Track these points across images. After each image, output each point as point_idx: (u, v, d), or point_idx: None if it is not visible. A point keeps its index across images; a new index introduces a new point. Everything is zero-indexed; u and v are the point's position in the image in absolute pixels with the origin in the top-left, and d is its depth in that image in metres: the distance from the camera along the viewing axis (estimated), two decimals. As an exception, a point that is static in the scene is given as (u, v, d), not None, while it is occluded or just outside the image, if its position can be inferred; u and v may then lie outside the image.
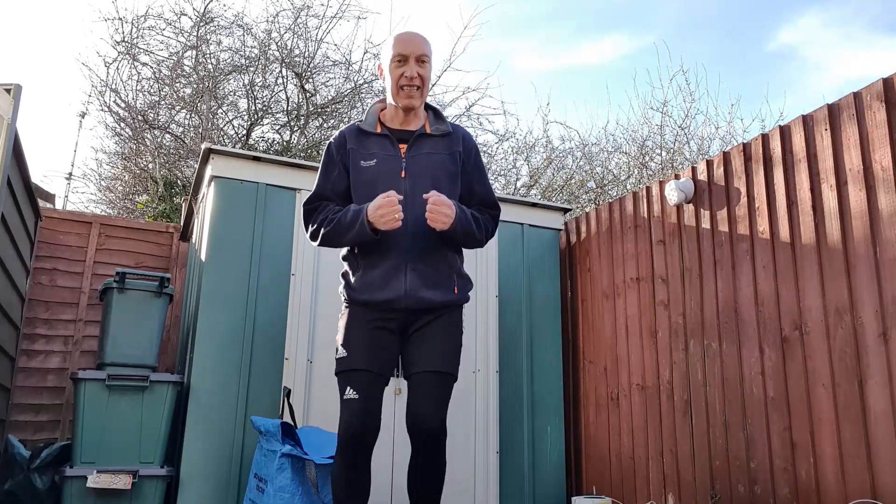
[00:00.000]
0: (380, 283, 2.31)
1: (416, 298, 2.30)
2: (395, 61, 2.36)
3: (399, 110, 2.42)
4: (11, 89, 3.21)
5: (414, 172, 2.38)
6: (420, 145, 2.43)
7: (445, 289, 2.37)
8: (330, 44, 11.32)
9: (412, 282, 2.30)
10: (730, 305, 3.49)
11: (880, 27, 15.47)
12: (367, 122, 2.47)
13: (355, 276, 2.38)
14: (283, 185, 3.92)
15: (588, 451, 4.35)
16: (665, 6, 15.19)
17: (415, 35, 2.41)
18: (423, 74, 2.37)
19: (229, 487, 3.42)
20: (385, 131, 2.44)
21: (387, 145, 2.42)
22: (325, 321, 3.85)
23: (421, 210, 2.30)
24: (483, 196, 2.51)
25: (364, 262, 2.36)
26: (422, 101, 2.43)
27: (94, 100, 8.34)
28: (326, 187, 2.43)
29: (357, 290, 2.35)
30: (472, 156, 2.51)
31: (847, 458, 2.86)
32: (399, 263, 2.31)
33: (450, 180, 2.42)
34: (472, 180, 2.49)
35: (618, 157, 9.80)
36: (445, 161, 2.43)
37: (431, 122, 2.49)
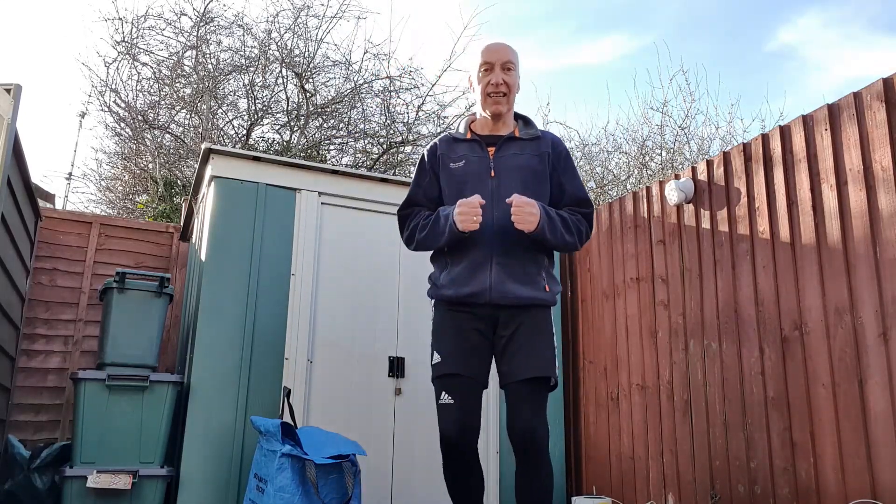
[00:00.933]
0: (465, 278, 2.36)
1: (500, 292, 2.33)
2: (482, 70, 2.46)
3: (488, 118, 2.50)
4: (11, 89, 3.21)
5: (501, 172, 2.44)
6: (508, 147, 2.50)
7: (533, 285, 2.39)
8: (330, 44, 11.31)
9: (497, 275, 2.34)
10: (730, 305, 3.49)
11: (880, 27, 15.47)
12: (458, 132, 2.58)
13: (442, 274, 2.44)
14: (283, 185, 3.92)
15: (588, 451, 4.35)
16: (665, 6, 15.19)
17: (500, 44, 2.49)
18: (509, 81, 2.45)
19: (229, 487, 3.42)
20: (475, 137, 2.53)
21: (476, 148, 2.50)
22: (326, 321, 3.86)
23: (507, 207, 2.35)
24: (574, 193, 2.54)
25: (451, 260, 2.42)
26: (509, 108, 2.50)
27: (94, 100, 8.35)
28: (418, 193, 2.55)
29: (443, 286, 2.42)
30: (561, 157, 2.56)
31: (847, 458, 2.86)
32: (484, 258, 2.36)
33: (537, 179, 2.47)
34: (563, 181, 2.53)
35: (618, 157, 9.81)
36: (533, 161, 2.48)
37: (521, 129, 2.57)
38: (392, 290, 4.07)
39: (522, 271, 2.37)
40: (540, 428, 2.29)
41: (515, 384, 2.31)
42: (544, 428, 2.30)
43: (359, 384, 3.84)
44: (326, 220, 4.00)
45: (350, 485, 3.04)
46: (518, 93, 2.54)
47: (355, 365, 3.86)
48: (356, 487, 3.05)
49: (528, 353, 2.32)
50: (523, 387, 2.30)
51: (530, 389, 2.30)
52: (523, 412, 2.27)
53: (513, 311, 2.36)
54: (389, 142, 8.51)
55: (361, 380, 3.85)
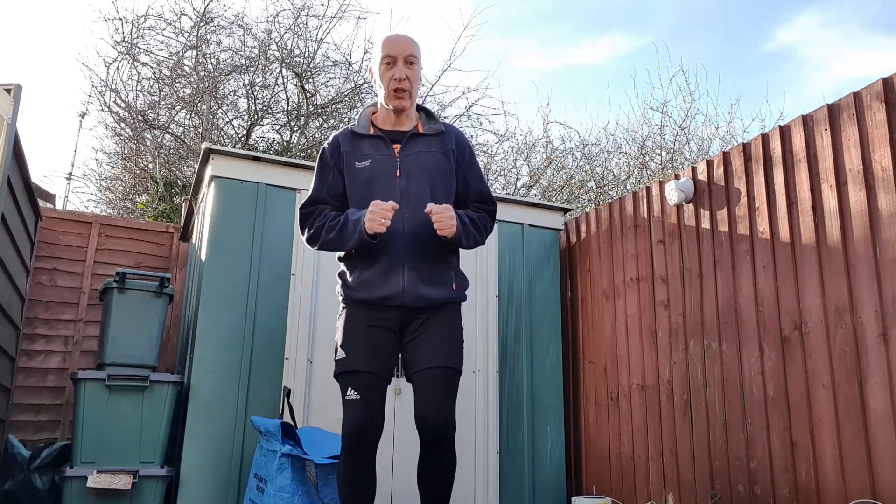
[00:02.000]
0: (377, 281, 2.32)
1: (414, 295, 2.31)
2: (383, 63, 2.39)
3: (390, 112, 2.44)
4: (11, 89, 3.21)
5: (408, 171, 2.40)
6: (413, 144, 2.45)
7: (443, 286, 2.38)
8: (330, 44, 11.31)
9: (410, 279, 2.31)
10: (730, 305, 3.49)
11: (879, 27, 15.47)
12: (359, 125, 2.49)
13: (353, 276, 2.39)
14: (283, 185, 3.92)
15: (588, 451, 4.35)
16: (662, 6, 15.19)
17: (402, 36, 2.43)
18: (412, 76, 2.40)
19: (229, 487, 3.42)
20: (378, 132, 2.46)
21: (380, 146, 2.44)
22: (325, 321, 3.85)
23: (416, 208, 2.33)
24: (479, 191, 2.53)
25: (361, 262, 2.37)
26: (412, 102, 2.45)
27: (94, 100, 8.34)
28: (322, 191, 2.45)
29: (355, 289, 2.36)
30: (465, 153, 2.53)
31: (847, 458, 2.86)
32: (396, 261, 2.32)
33: (444, 178, 2.44)
34: (468, 177, 2.52)
35: (618, 157, 9.81)
36: (439, 159, 2.45)
37: (424, 123, 2.52)
38: (392, 290, 4.07)
39: (434, 273, 2.36)
40: (451, 420, 2.27)
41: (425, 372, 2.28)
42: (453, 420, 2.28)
43: (359, 384, 3.83)
44: (326, 220, 4.00)
45: (350, 485, 3.04)
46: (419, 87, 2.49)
47: (355, 365, 3.86)
48: (356, 487, 3.04)
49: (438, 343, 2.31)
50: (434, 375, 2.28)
51: (442, 379, 2.28)
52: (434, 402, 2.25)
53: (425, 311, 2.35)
54: (389, 142, 8.49)
55: (361, 380, 3.85)
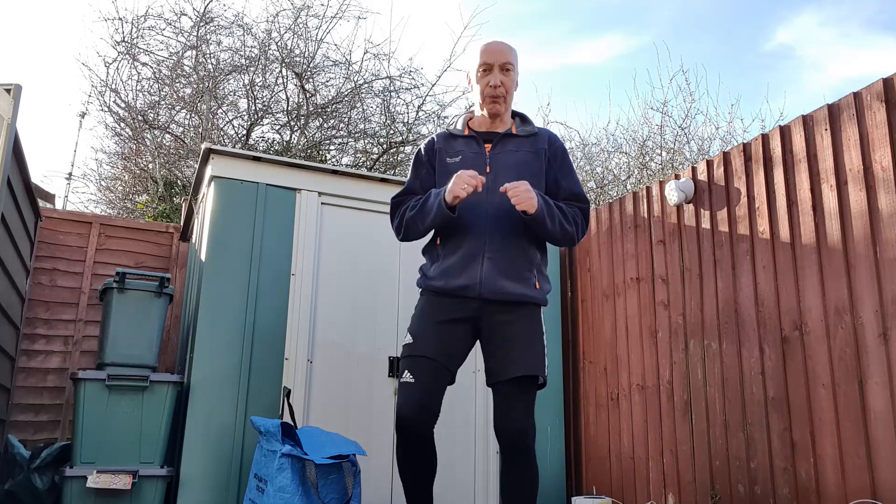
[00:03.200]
0: (456, 270, 2.35)
1: (491, 287, 2.32)
2: (480, 70, 2.46)
3: (486, 117, 2.51)
4: (11, 89, 3.21)
5: (497, 167, 2.46)
6: (505, 144, 2.51)
7: (524, 282, 2.38)
8: (330, 44, 11.32)
9: (488, 270, 2.32)
10: (730, 305, 3.49)
11: (878, 26, 15.46)
12: (456, 127, 2.59)
13: (433, 266, 2.44)
14: (283, 185, 3.92)
15: (588, 451, 4.35)
16: (660, 6, 15.19)
17: (499, 44, 2.49)
18: (507, 82, 2.45)
19: (229, 487, 3.42)
20: (472, 133, 2.54)
21: (473, 144, 2.52)
22: (326, 321, 3.86)
23: (500, 201, 2.36)
24: (570, 189, 2.54)
25: (443, 252, 2.42)
26: (507, 108, 2.51)
27: (94, 100, 8.36)
28: (416, 184, 2.55)
29: (433, 278, 2.41)
30: (558, 153, 2.56)
31: (847, 458, 2.86)
32: (476, 251, 2.35)
33: (531, 175, 2.46)
34: (559, 176, 2.54)
35: (618, 157, 9.81)
36: (529, 157, 2.49)
37: (518, 126, 2.58)
38: (392, 290, 4.07)
39: (514, 267, 2.36)
40: (530, 429, 2.28)
41: (505, 383, 2.29)
42: (533, 428, 2.30)
43: (359, 384, 3.84)
44: (326, 220, 4.00)
45: (350, 485, 3.04)
46: (516, 91, 2.55)
47: (355, 365, 3.86)
48: (356, 487, 3.05)
49: (519, 351, 2.30)
50: (513, 386, 2.28)
51: (520, 389, 2.29)
52: (513, 412, 2.26)
53: (502, 307, 2.34)
54: (389, 142, 8.52)
55: (361, 380, 3.85)
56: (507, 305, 2.35)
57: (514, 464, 2.31)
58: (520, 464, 2.30)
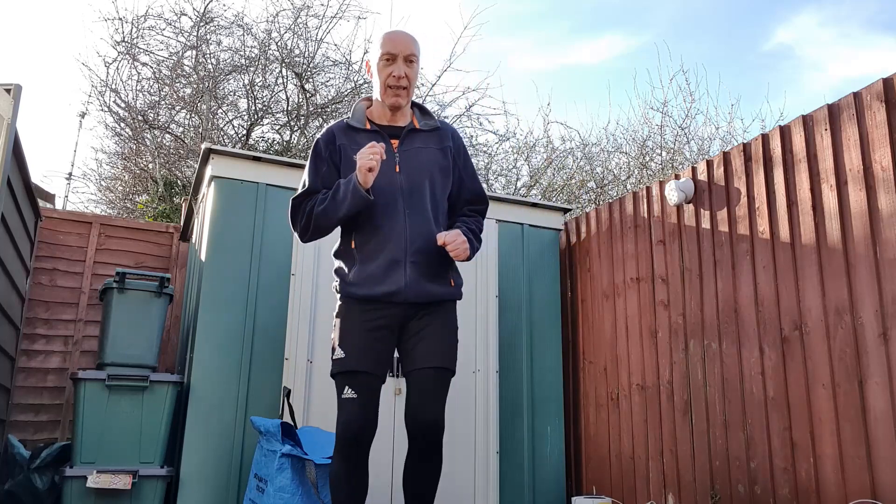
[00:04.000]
0: (379, 277, 2.31)
1: (416, 291, 2.32)
2: (383, 60, 2.39)
3: (386, 108, 2.45)
4: (11, 89, 3.22)
5: (407, 167, 2.41)
6: (411, 140, 2.46)
7: (443, 282, 2.40)
8: (330, 44, 11.33)
9: (412, 274, 2.31)
10: (730, 305, 3.49)
11: (877, 26, 15.47)
12: (355, 119, 2.48)
13: (352, 271, 2.37)
14: (283, 185, 3.91)
15: (588, 451, 4.35)
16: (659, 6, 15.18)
17: (403, 34, 2.43)
18: (411, 74, 2.40)
19: (229, 487, 3.42)
20: (375, 127, 2.46)
21: (377, 140, 2.42)
22: (326, 321, 3.85)
23: (417, 204, 2.36)
24: (473, 189, 2.57)
25: (361, 257, 2.36)
26: (408, 101, 2.46)
27: (94, 100, 8.35)
28: (317, 183, 2.40)
29: (355, 285, 2.34)
30: (461, 151, 2.56)
31: (847, 458, 2.86)
32: (398, 256, 2.32)
33: (442, 174, 2.47)
34: (463, 174, 2.55)
35: (618, 157, 9.81)
36: (437, 156, 2.47)
37: (418, 118, 2.53)
38: (392, 290, 4.07)
39: (434, 269, 2.37)
40: (442, 419, 2.29)
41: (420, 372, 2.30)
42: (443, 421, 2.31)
43: (359, 384, 3.83)
44: (326, 220, 4.00)
45: (350, 485, 3.04)
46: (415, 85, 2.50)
47: (355, 365, 3.86)
48: (356, 487, 3.04)
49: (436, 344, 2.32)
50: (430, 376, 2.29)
51: (436, 380, 2.30)
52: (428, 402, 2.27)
53: (424, 308, 2.35)
54: (389, 142, 8.49)
55: (361, 380, 3.85)
56: (429, 305, 2.36)
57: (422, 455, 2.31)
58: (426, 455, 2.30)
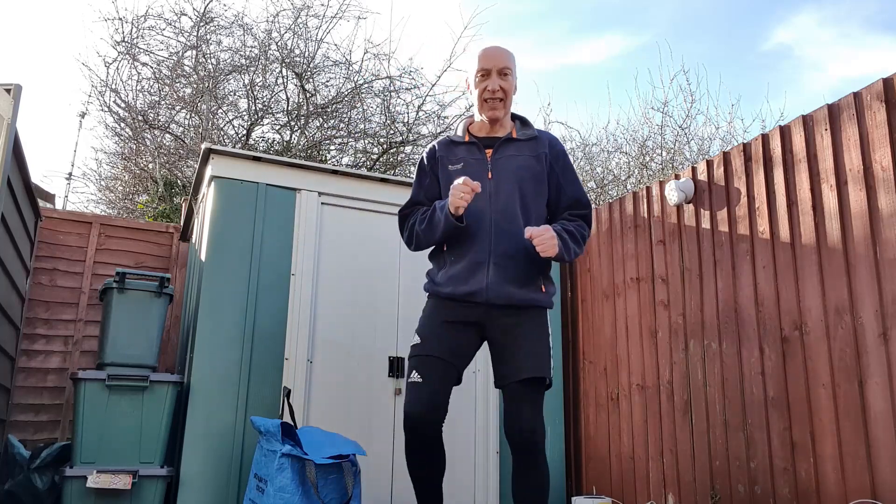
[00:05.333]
0: (463, 277, 2.39)
1: (497, 293, 2.35)
2: (479, 75, 2.48)
3: (485, 121, 2.53)
4: (11, 89, 3.21)
5: (499, 173, 2.47)
6: (505, 149, 2.52)
7: (529, 286, 2.42)
8: (330, 44, 11.32)
9: (494, 276, 2.36)
10: (730, 305, 3.49)
11: (876, 25, 15.47)
12: (456, 134, 2.61)
13: (441, 272, 2.47)
14: (283, 185, 3.92)
15: (588, 451, 4.35)
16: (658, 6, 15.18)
17: (497, 49, 2.51)
18: (506, 87, 2.47)
19: (229, 487, 3.42)
20: (473, 139, 2.55)
21: (474, 151, 2.53)
22: (326, 321, 3.86)
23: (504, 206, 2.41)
24: (573, 194, 2.58)
25: (450, 259, 2.45)
26: (506, 112, 2.53)
27: (94, 100, 8.36)
28: (420, 194, 2.58)
29: (441, 284, 2.44)
30: (559, 158, 2.58)
31: (847, 458, 2.86)
32: (482, 258, 2.38)
33: (534, 180, 2.50)
34: (562, 182, 2.57)
35: (618, 157, 9.81)
36: (530, 162, 2.51)
37: (518, 129, 2.59)
38: (392, 290, 4.07)
39: (519, 272, 2.40)
40: (539, 429, 2.32)
41: (514, 384, 2.33)
42: (542, 428, 2.34)
43: (359, 384, 3.84)
44: (326, 220, 4.00)
45: (350, 485, 3.04)
46: (515, 94, 2.57)
47: (355, 365, 3.86)
48: (356, 487, 3.05)
49: (526, 354, 2.35)
50: (522, 387, 2.32)
51: (529, 390, 2.33)
52: (523, 413, 2.30)
53: (509, 312, 2.38)
54: (389, 142, 8.52)
55: (361, 380, 3.85)
56: (513, 309, 2.39)
57: (526, 464, 2.34)
58: (531, 464, 2.33)
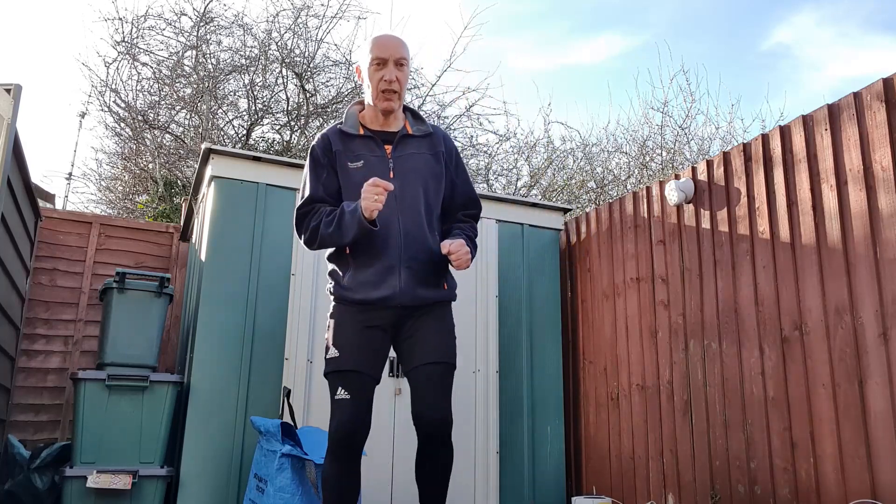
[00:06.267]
0: (374, 282, 2.33)
1: (410, 296, 2.34)
2: (373, 64, 2.41)
3: (379, 112, 2.46)
4: (11, 89, 3.22)
5: (401, 173, 2.43)
6: (404, 146, 2.48)
7: (436, 285, 2.42)
8: (330, 44, 11.32)
9: (406, 280, 2.33)
10: (730, 305, 3.49)
11: (876, 25, 15.47)
12: (347, 125, 2.49)
13: (346, 276, 2.39)
14: (283, 185, 3.92)
15: (588, 451, 4.35)
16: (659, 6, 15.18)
17: (393, 38, 2.44)
18: (402, 78, 2.42)
19: (229, 487, 3.42)
20: (368, 133, 2.48)
21: (372, 146, 2.45)
22: (325, 321, 3.85)
23: (410, 210, 2.38)
24: (466, 193, 2.59)
25: (355, 262, 2.38)
26: (400, 104, 2.48)
27: (94, 100, 8.34)
28: (319, 190, 2.43)
29: (350, 289, 2.37)
30: (453, 156, 2.58)
31: (847, 458, 2.86)
32: (392, 262, 2.34)
33: (435, 180, 2.48)
34: (457, 181, 2.56)
35: (618, 157, 9.81)
36: (430, 161, 2.48)
37: (411, 123, 2.54)
38: (392, 290, 4.06)
39: (428, 274, 2.39)
40: (448, 415, 2.29)
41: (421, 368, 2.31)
42: (450, 412, 2.31)
43: (359, 384, 3.83)
44: (326, 220, 4.00)
45: (350, 485, 3.04)
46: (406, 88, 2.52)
47: (355, 365, 3.86)
48: (356, 487, 3.04)
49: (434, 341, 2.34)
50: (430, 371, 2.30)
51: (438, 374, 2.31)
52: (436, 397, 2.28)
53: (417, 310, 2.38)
54: (389, 142, 8.50)
55: (361, 380, 3.85)
56: (422, 308, 2.38)
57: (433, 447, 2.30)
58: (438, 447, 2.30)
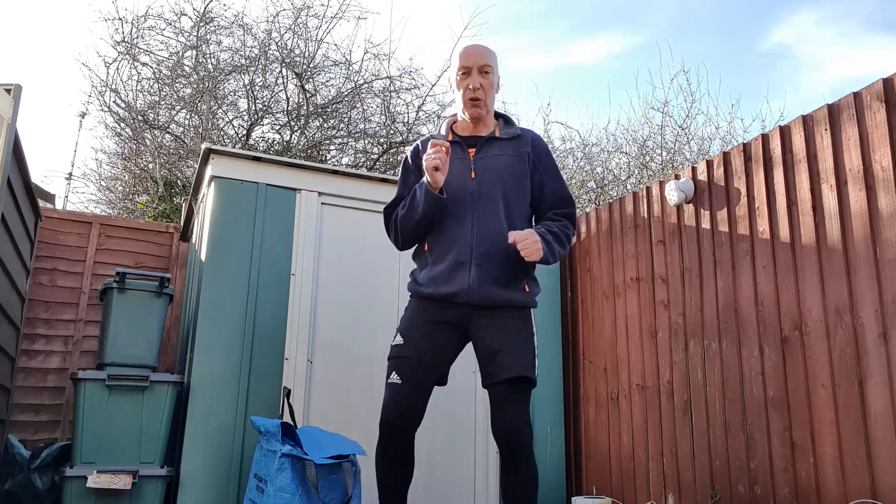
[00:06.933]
0: (444, 278, 2.39)
1: (479, 294, 2.35)
2: (459, 74, 2.49)
3: (468, 120, 2.53)
4: (11, 89, 3.21)
5: (481, 173, 2.47)
6: (488, 148, 2.53)
7: (512, 286, 2.41)
8: (330, 44, 11.32)
9: (476, 277, 2.35)
10: (730, 305, 3.49)
11: (876, 25, 15.47)
12: (440, 134, 2.61)
13: (423, 272, 2.47)
14: (283, 185, 3.92)
15: (588, 451, 4.35)
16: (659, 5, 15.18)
17: (477, 47, 2.52)
18: (486, 85, 2.47)
19: (229, 487, 3.42)
20: (457, 139, 2.55)
21: (457, 150, 2.52)
22: (326, 321, 3.85)
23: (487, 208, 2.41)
24: (556, 191, 2.58)
25: (431, 259, 2.46)
26: (488, 110, 2.53)
27: (94, 100, 8.35)
28: (404, 192, 2.57)
29: (423, 285, 2.45)
30: (541, 155, 2.59)
31: (847, 458, 2.86)
32: (464, 259, 2.38)
33: (515, 179, 2.50)
34: (545, 180, 2.57)
35: (618, 157, 9.81)
36: (512, 161, 2.51)
37: (501, 128, 2.60)
38: (392, 290, 4.06)
39: (501, 273, 2.39)
40: (525, 428, 2.31)
41: (498, 384, 2.33)
42: (529, 427, 2.33)
43: (359, 384, 3.83)
44: (326, 220, 4.00)
45: (350, 485, 3.04)
46: (497, 93, 2.58)
47: (355, 365, 3.86)
48: (356, 487, 3.05)
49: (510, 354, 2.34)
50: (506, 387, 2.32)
51: (513, 390, 2.32)
52: (508, 412, 2.30)
53: (491, 312, 2.38)
54: (389, 142, 8.52)
55: (361, 380, 3.85)
56: (496, 310, 2.38)
57: (513, 464, 2.32)
58: (518, 464, 2.32)
